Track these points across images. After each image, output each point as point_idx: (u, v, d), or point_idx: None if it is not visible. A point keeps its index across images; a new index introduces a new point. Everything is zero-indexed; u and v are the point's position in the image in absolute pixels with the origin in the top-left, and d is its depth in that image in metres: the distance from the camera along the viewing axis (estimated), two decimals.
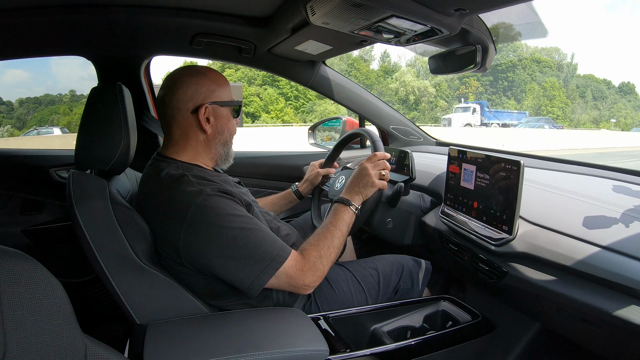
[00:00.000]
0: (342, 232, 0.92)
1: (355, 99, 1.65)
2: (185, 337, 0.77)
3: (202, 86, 0.90)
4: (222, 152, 0.97)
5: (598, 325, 0.74)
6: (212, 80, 0.92)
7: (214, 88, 0.91)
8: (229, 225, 0.80)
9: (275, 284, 0.83)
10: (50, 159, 1.47)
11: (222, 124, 0.94)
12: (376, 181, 0.99)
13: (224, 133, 0.95)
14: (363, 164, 1.02)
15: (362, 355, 0.84)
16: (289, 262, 0.82)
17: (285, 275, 0.82)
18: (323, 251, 0.87)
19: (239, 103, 0.97)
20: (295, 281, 0.83)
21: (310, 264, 0.85)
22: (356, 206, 0.97)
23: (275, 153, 1.76)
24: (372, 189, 1.00)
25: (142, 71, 1.44)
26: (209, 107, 0.90)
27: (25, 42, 1.21)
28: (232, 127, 0.97)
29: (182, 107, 0.90)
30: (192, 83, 0.90)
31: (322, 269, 0.87)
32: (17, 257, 0.50)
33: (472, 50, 1.09)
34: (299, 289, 0.85)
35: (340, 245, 0.91)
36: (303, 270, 0.84)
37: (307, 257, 0.85)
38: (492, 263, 0.90)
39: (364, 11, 0.85)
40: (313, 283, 0.86)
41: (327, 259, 0.88)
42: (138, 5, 1.12)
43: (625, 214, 0.79)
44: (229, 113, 0.95)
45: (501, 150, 1.42)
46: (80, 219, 0.81)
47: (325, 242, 0.89)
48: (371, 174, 0.99)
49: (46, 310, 0.50)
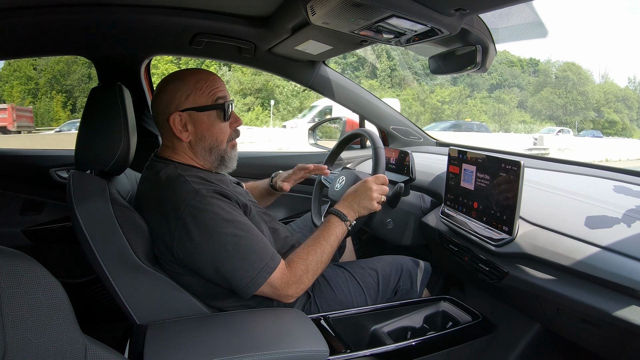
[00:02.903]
0: (332, 247, 0.93)
1: (356, 99, 1.65)
2: (186, 338, 0.77)
3: (177, 92, 0.88)
4: (210, 158, 0.92)
5: (598, 325, 0.74)
6: (189, 85, 0.88)
7: (189, 93, 0.87)
8: (221, 231, 0.80)
9: (260, 292, 0.83)
10: (51, 159, 1.47)
11: (202, 130, 0.89)
12: (375, 205, 0.98)
13: (205, 139, 0.90)
14: (368, 183, 1.00)
15: (362, 356, 0.84)
16: (276, 273, 0.83)
17: (270, 286, 0.83)
18: (311, 266, 0.88)
19: (223, 106, 0.90)
20: (278, 292, 0.84)
21: (297, 278, 0.85)
22: (351, 222, 0.97)
23: (275, 153, 1.76)
24: (368, 211, 0.99)
25: (142, 71, 1.44)
26: (183, 115, 0.88)
27: (25, 42, 1.21)
28: (217, 132, 0.91)
29: (160, 115, 0.90)
30: (167, 90, 0.89)
31: (307, 283, 0.88)
32: (18, 257, 0.50)
33: (472, 50, 1.09)
34: (280, 298, 0.86)
35: (328, 260, 0.92)
36: (288, 283, 0.84)
37: (294, 270, 0.86)
38: (492, 263, 0.90)
39: (364, 11, 0.85)
40: (295, 295, 0.87)
41: (314, 274, 0.89)
42: (138, 5, 1.12)
43: (626, 215, 0.79)
44: (212, 117, 0.90)
45: (501, 150, 1.42)
46: (81, 219, 0.81)
47: (314, 256, 0.89)
48: (373, 196, 0.98)
49: (46, 311, 0.50)
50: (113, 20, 1.15)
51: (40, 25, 1.13)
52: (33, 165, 1.46)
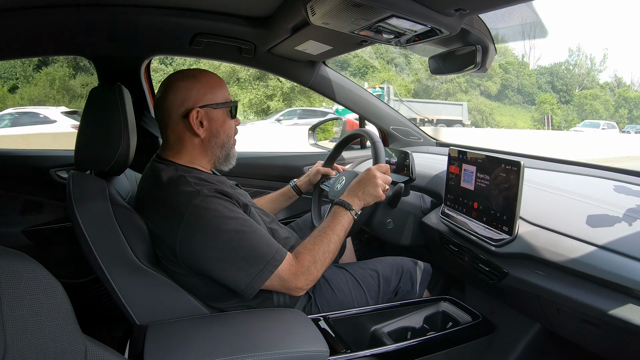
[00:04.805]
0: (339, 237, 0.92)
1: (356, 100, 1.65)
2: (186, 338, 0.77)
3: (192, 90, 0.90)
4: (221, 154, 0.96)
5: (598, 325, 0.74)
6: (203, 84, 0.91)
7: (205, 91, 0.91)
8: (225, 228, 0.80)
9: (269, 286, 0.83)
10: (51, 160, 1.47)
11: (217, 127, 0.93)
12: (380, 192, 0.98)
13: (219, 135, 0.94)
14: (372, 170, 1.00)
15: (363, 356, 0.84)
16: (284, 265, 0.83)
17: (279, 278, 0.83)
18: (318, 256, 0.87)
19: (234, 104, 0.96)
20: (288, 284, 0.84)
21: (304, 269, 0.85)
22: (356, 211, 0.96)
23: (275, 153, 1.76)
24: (374, 199, 0.99)
25: (142, 71, 1.44)
26: (200, 111, 0.90)
27: (25, 42, 1.21)
28: (228, 129, 0.96)
29: (174, 112, 0.90)
30: (182, 87, 0.90)
31: (315, 274, 0.87)
32: (18, 257, 0.50)
33: (472, 50, 1.09)
34: (290, 290, 0.86)
35: (336, 250, 0.91)
36: (297, 274, 0.84)
37: (302, 261, 0.86)
38: (492, 264, 0.90)
39: (364, 11, 0.85)
40: (305, 286, 0.86)
41: (322, 264, 0.88)
42: (138, 5, 1.12)
43: (625, 214, 0.79)
44: (224, 115, 0.94)
45: (501, 150, 1.42)
46: (80, 219, 0.81)
47: (321, 246, 0.89)
48: (378, 183, 0.98)
49: (46, 311, 0.50)
50: (113, 20, 1.15)
51: (40, 25, 1.13)
52: (33, 166, 1.46)
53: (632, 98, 28.65)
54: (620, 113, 27.50)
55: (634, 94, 29.63)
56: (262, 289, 0.83)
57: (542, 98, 27.28)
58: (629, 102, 28.45)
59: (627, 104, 28.34)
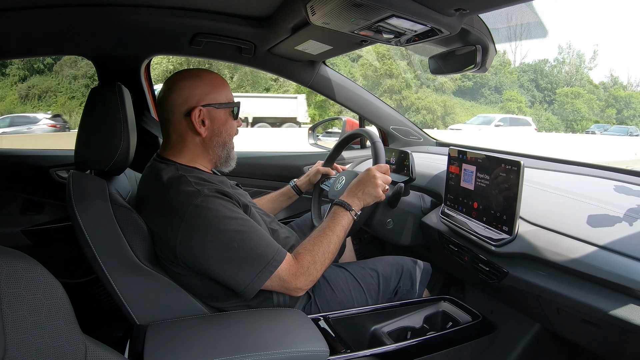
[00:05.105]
0: (338, 238, 0.92)
1: (356, 99, 1.65)
2: (186, 338, 0.77)
3: (196, 89, 0.90)
4: (222, 154, 0.96)
5: (598, 325, 0.74)
6: (206, 83, 0.91)
7: (208, 90, 0.91)
8: (225, 228, 0.80)
9: (269, 286, 0.83)
10: (51, 159, 1.47)
11: (219, 126, 0.93)
12: (380, 192, 0.98)
13: (221, 135, 0.94)
14: (372, 170, 1.00)
15: (363, 356, 0.84)
16: (284, 265, 0.83)
17: (279, 279, 0.83)
18: (318, 256, 0.87)
19: (237, 104, 0.96)
20: (287, 284, 0.84)
21: (304, 269, 0.85)
22: (356, 211, 0.96)
23: (275, 153, 1.76)
24: (374, 199, 0.99)
25: (142, 71, 1.44)
26: (202, 110, 0.90)
27: (25, 42, 1.21)
28: (230, 129, 0.96)
29: (176, 111, 0.90)
30: (185, 86, 0.90)
31: (315, 274, 0.87)
32: (17, 257, 0.50)
33: (472, 50, 1.09)
34: (290, 291, 0.86)
35: (335, 251, 0.92)
36: (296, 274, 0.84)
37: (301, 262, 0.86)
38: (492, 263, 0.90)
39: (364, 11, 0.85)
40: (305, 287, 0.86)
41: (321, 264, 0.88)
42: (138, 5, 1.12)
43: (626, 214, 0.79)
44: (227, 115, 0.95)
45: (501, 150, 1.42)
46: (80, 219, 0.81)
47: (320, 247, 0.89)
48: (378, 183, 0.98)
49: (46, 311, 0.50)
50: (113, 20, 1.15)
51: (40, 25, 1.13)
52: (33, 165, 1.46)
53: (623, 97, 25.42)
54: (608, 113, 24.96)
55: (625, 92, 26.30)
56: (262, 289, 0.83)
57: (508, 95, 24.54)
58: (619, 101, 25.22)
59: (617, 103, 25.23)
